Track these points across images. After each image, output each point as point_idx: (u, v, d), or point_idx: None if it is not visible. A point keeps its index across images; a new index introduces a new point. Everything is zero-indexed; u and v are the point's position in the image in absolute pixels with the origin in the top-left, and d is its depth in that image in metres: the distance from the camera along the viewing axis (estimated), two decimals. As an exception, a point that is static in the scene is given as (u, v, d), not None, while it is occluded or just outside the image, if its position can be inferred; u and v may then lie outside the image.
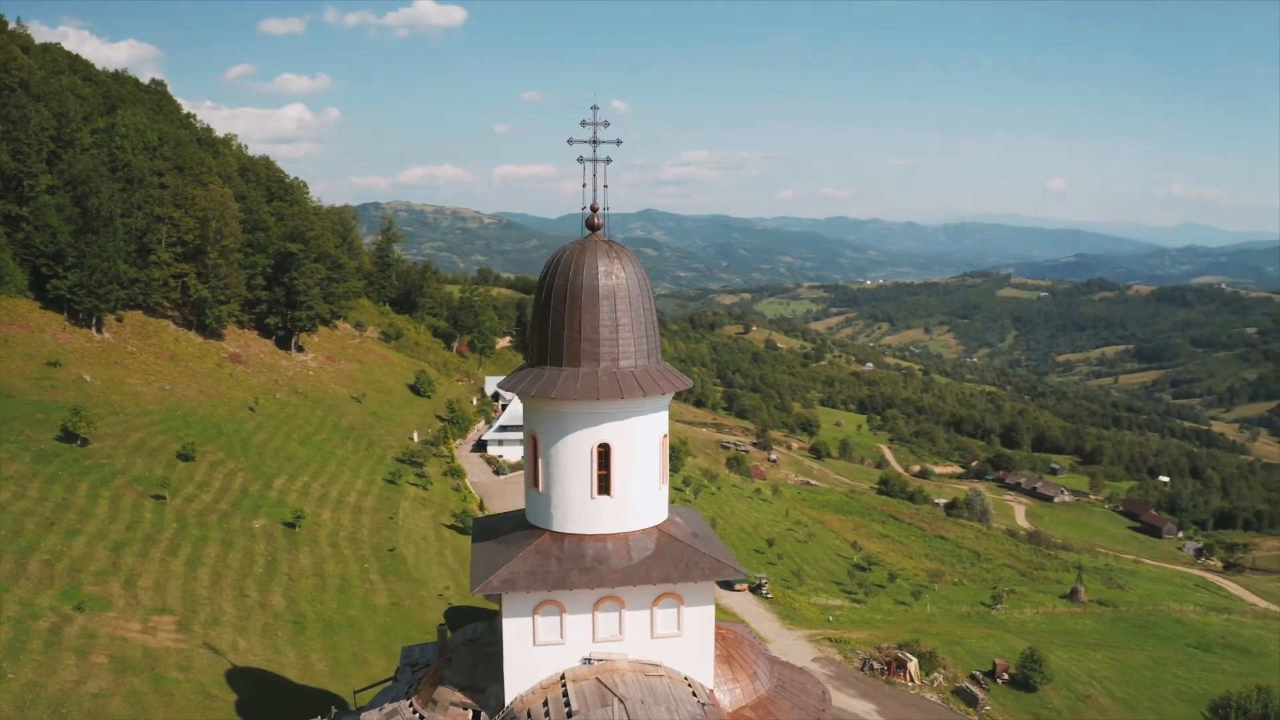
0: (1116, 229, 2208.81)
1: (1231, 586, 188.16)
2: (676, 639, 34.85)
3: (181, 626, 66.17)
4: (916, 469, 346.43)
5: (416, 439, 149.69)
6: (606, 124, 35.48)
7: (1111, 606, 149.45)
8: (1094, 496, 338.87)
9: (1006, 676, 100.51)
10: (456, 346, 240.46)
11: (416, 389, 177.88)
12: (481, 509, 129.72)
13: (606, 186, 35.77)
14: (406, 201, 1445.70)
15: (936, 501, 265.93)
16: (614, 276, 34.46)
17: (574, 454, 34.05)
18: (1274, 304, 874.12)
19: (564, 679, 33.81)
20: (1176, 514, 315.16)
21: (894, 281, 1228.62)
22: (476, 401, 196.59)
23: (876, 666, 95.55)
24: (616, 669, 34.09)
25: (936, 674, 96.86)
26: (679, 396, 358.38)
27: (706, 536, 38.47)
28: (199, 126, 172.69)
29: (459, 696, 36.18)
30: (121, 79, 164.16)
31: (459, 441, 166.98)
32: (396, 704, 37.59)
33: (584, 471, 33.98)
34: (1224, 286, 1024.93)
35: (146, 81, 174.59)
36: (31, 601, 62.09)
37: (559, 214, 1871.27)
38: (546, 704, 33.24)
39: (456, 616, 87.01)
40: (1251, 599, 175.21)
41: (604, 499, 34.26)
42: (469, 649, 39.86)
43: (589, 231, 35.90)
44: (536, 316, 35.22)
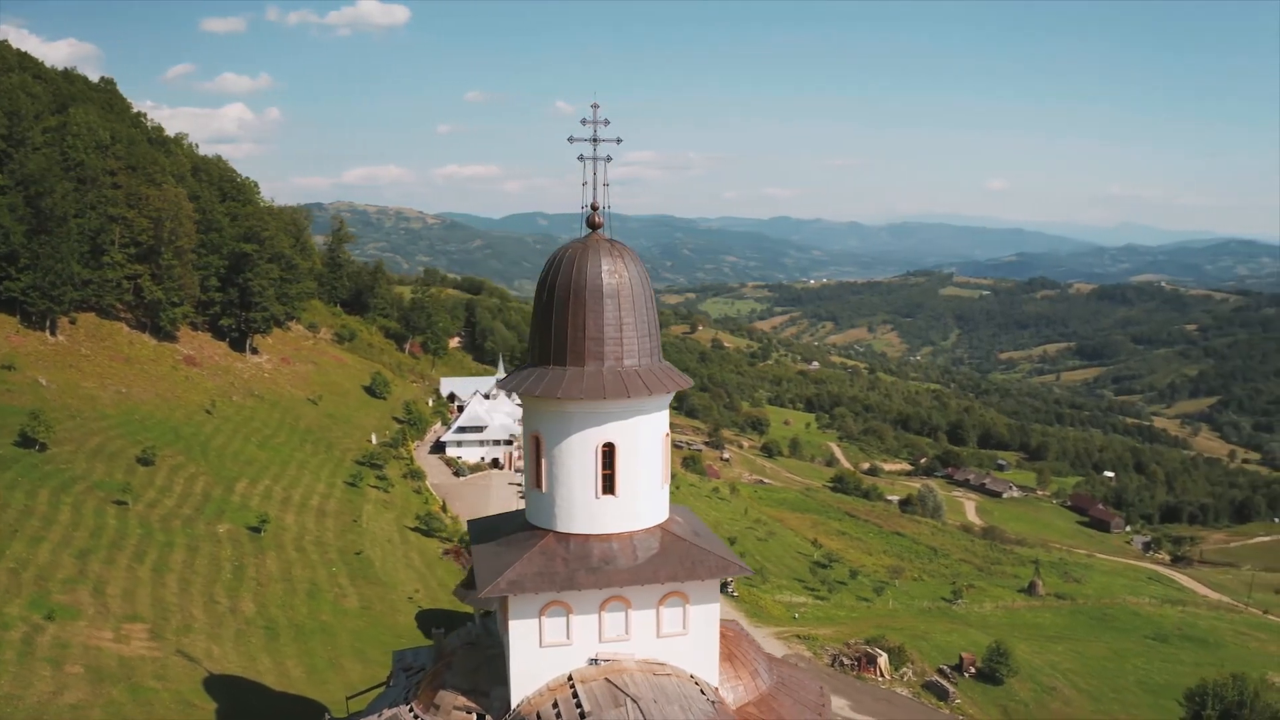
0: (1056, 228, 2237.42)
1: (1183, 579, 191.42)
2: (682, 637, 34.73)
3: (154, 634, 64.87)
4: (866, 466, 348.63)
5: (375, 441, 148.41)
6: (607, 122, 35.35)
7: (1069, 600, 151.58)
8: (1041, 492, 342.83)
9: (973, 670, 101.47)
10: (408, 348, 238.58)
11: (372, 391, 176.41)
12: (444, 510, 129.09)
13: (608, 185, 35.55)
14: (349, 202, 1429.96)
15: (889, 499, 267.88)
16: (617, 275, 34.26)
17: (579, 454, 33.78)
18: (1213, 302, 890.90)
19: (571, 680, 33.57)
20: (1123, 508, 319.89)
21: (838, 281, 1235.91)
22: (432, 403, 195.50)
23: (846, 662, 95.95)
24: (624, 669, 33.90)
25: (906, 669, 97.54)
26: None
27: (707, 535, 38.50)
28: (149, 126, 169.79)
29: (462, 700, 35.72)
30: (72, 77, 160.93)
31: (417, 443, 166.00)
32: (396, 709, 37.06)
33: (589, 471, 33.71)
34: (1163, 285, 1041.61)
35: (95, 80, 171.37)
36: (0, 611, 60.58)
37: (503, 214, 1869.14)
38: (556, 705, 32.91)
39: (428, 620, 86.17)
40: (1203, 591, 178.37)
41: (608, 499, 34.03)
42: (469, 652, 39.36)
43: (589, 230, 35.64)
44: (538, 316, 34.81)
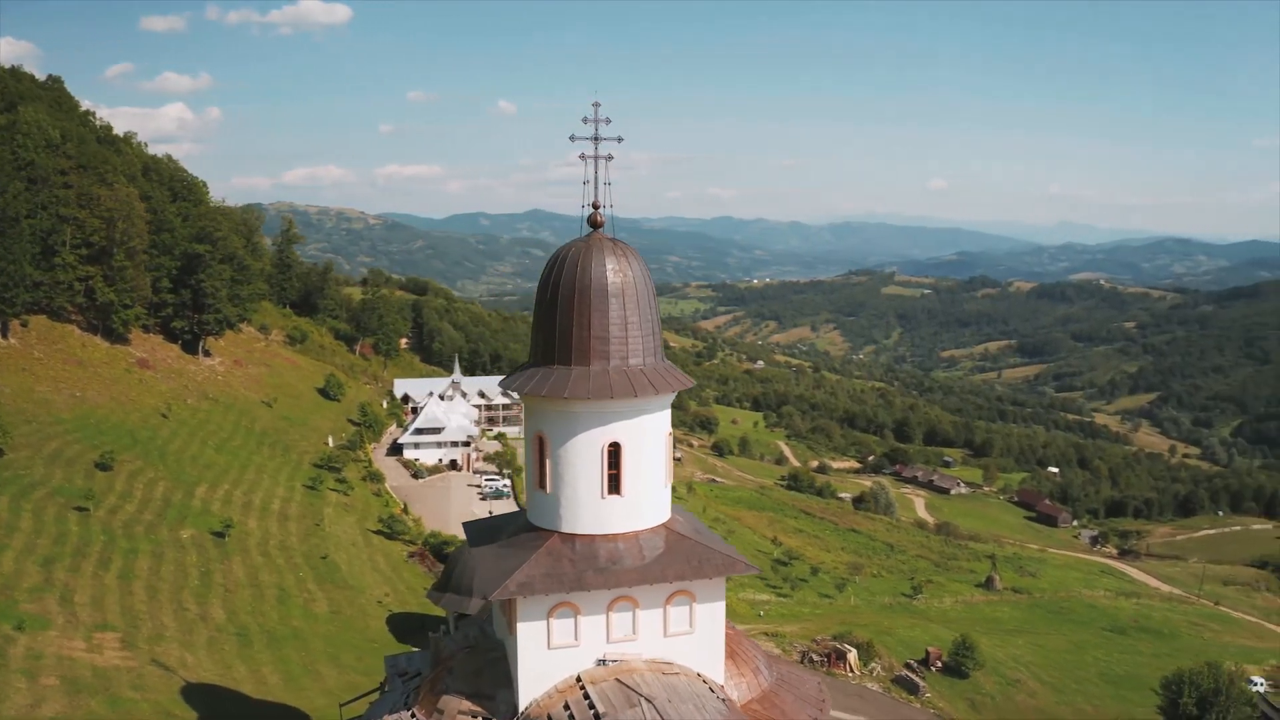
0: (996, 227, 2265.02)
1: (1134, 572, 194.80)
2: (689, 636, 34.54)
3: (126, 643, 63.56)
4: (815, 464, 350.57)
5: (332, 444, 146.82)
6: (608, 120, 35.02)
7: (1026, 594, 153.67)
8: (988, 488, 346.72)
9: (939, 664, 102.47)
10: (359, 349, 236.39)
11: (326, 393, 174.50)
12: (406, 513, 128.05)
13: (610, 183, 35.18)
14: (290, 202, 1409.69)
15: (842, 496, 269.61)
16: (621, 274, 34.14)
17: (585, 454, 33.53)
18: (1151, 299, 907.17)
19: (580, 681, 33.31)
20: (1069, 503, 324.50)
21: (780, 280, 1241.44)
22: (386, 405, 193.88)
23: (816, 659, 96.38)
24: (633, 669, 33.74)
25: (874, 664, 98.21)
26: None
27: (707, 534, 38.36)
28: (98, 125, 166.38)
29: (467, 705, 35.28)
30: (19, 75, 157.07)
31: (373, 445, 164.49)
32: (397, 715, 36.56)
33: (595, 471, 33.46)
34: (1102, 283, 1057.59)
35: (43, 78, 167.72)
36: (-32, 622, 59.11)
37: (445, 214, 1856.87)
38: (568, 707, 32.60)
39: (399, 624, 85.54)
40: (1154, 583, 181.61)
41: (614, 498, 33.83)
42: (470, 656, 38.89)
43: (590, 229, 35.38)
44: (542, 315, 34.45)
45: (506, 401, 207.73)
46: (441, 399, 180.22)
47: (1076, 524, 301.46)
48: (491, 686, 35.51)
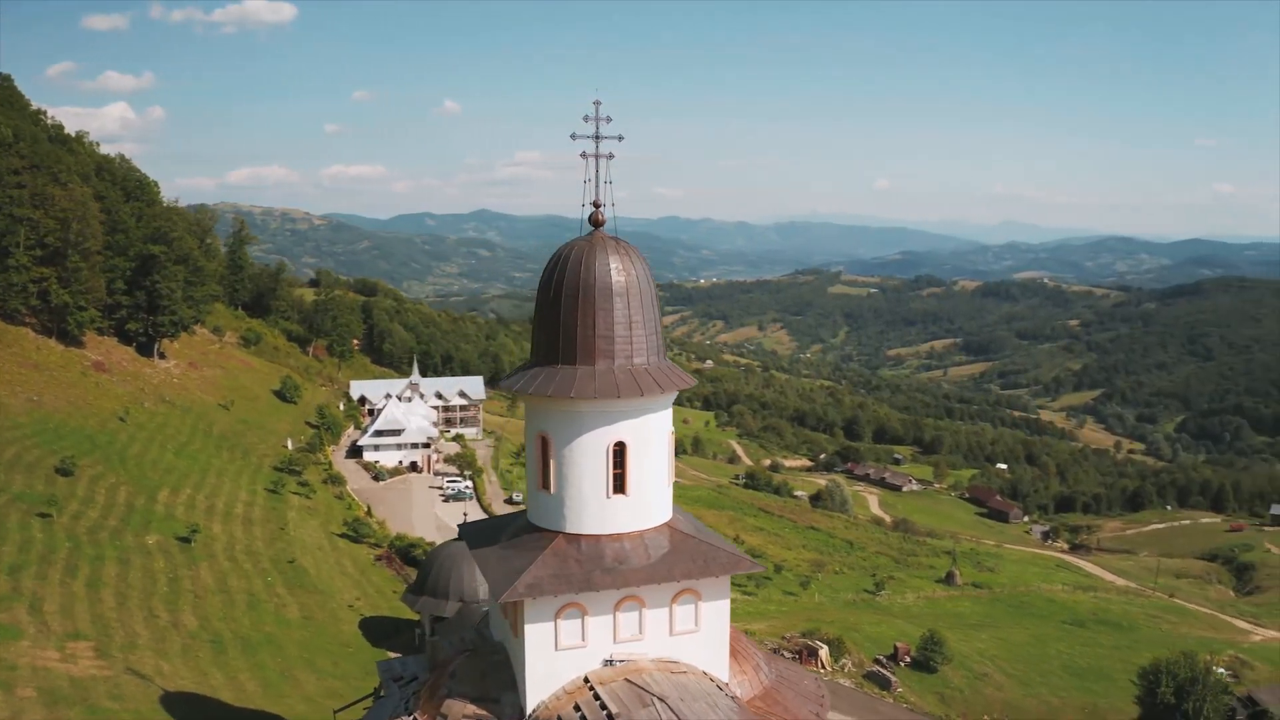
0: (940, 226, 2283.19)
1: (1088, 566, 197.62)
2: (694, 635, 34.46)
3: (100, 652, 62.32)
4: (768, 463, 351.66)
5: (291, 446, 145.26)
6: (609, 119, 34.86)
7: (986, 589, 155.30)
8: (939, 485, 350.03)
9: (908, 659, 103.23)
10: (312, 350, 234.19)
11: (282, 395, 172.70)
12: (370, 515, 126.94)
13: (611, 182, 35.09)
14: (234, 203, 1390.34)
15: (798, 494, 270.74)
16: (625, 273, 34.05)
17: (590, 453, 33.30)
18: (1094, 297, 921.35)
19: (589, 682, 33.06)
20: (1019, 499, 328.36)
21: (727, 280, 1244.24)
22: (343, 406, 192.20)
23: (787, 655, 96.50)
24: (641, 668, 33.61)
25: (845, 660, 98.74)
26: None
27: (708, 532, 38.29)
28: (49, 124, 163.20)
29: (471, 709, 34.90)
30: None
31: (332, 448, 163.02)
32: (399, 720, 36.14)
33: (600, 471, 33.24)
34: (1045, 281, 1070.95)
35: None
36: (-62, 632, 57.68)
37: (391, 214, 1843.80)
38: (579, 708, 32.35)
39: (371, 628, 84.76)
40: (1109, 577, 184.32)
41: (619, 498, 33.66)
42: (473, 659, 38.46)
43: (592, 228, 35.30)
44: (544, 314, 34.17)
45: (464, 403, 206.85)
46: (401, 400, 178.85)
47: (1027, 519, 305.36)
48: (497, 689, 35.17)
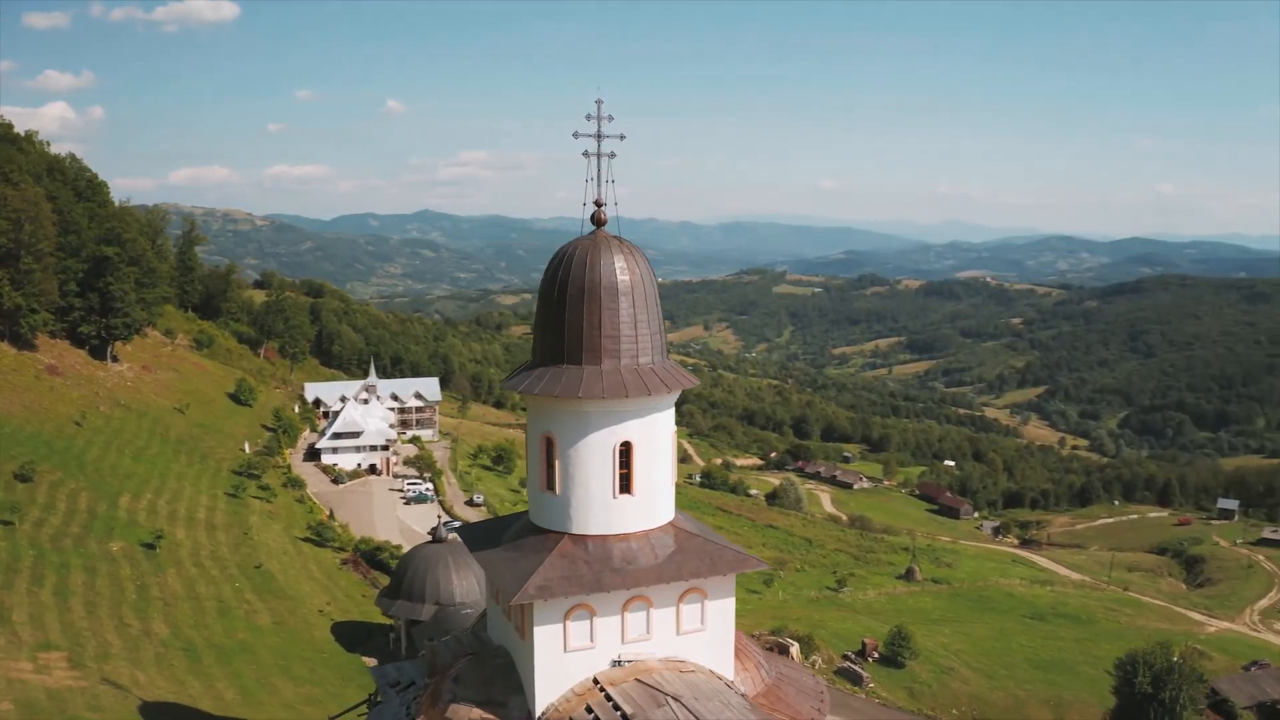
0: (884, 226, 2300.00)
1: (1042, 561, 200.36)
2: (700, 634, 34.42)
3: (74, 663, 61.04)
4: (719, 462, 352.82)
5: (248, 450, 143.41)
6: (611, 118, 34.80)
7: (946, 584, 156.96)
8: (889, 482, 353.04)
9: (876, 655, 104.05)
10: (263, 353, 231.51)
11: (237, 398, 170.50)
12: (332, 519, 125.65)
13: (613, 181, 35.05)
14: (175, 204, 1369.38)
15: (752, 493, 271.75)
16: (630, 272, 33.99)
17: (597, 454, 33.15)
18: (1036, 296, 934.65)
19: (598, 683, 32.89)
20: (968, 495, 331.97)
21: (672, 280, 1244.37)
22: (298, 409, 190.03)
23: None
24: (650, 668, 33.54)
25: (815, 657, 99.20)
26: (480, 399, 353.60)
27: (709, 531, 38.35)
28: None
29: (478, 713, 34.59)
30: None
31: (290, 451, 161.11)
32: (404, 727, 35.79)
33: (607, 471, 33.09)
34: (989, 280, 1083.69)
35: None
36: (-93, 644, 56.21)
37: (334, 215, 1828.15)
38: (591, 710, 32.16)
39: (343, 632, 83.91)
40: (1064, 571, 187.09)
41: (625, 498, 33.57)
42: (476, 663, 38.10)
43: (594, 227, 35.23)
44: (548, 314, 33.95)
45: (420, 404, 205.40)
46: (357, 402, 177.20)
47: (978, 515, 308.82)
48: (503, 693, 34.84)
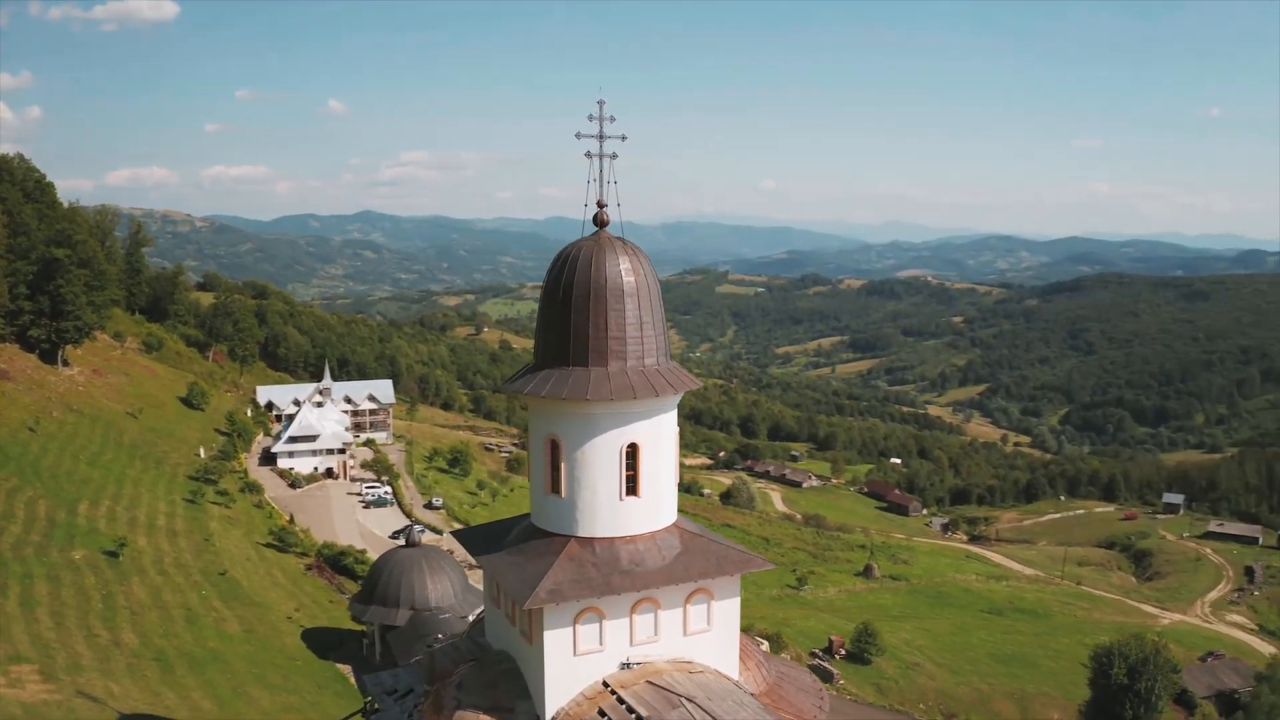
0: (825, 226, 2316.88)
1: (994, 556, 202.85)
2: (706, 634, 34.40)
3: (45, 676, 59.72)
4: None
5: (204, 455, 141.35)
6: (613, 119, 34.70)
7: (904, 581, 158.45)
8: (837, 480, 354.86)
9: (843, 652, 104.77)
10: (212, 355, 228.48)
11: (189, 402, 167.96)
12: (293, 524, 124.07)
13: (615, 182, 34.91)
14: (114, 205, 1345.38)
15: (705, 492, 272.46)
16: (634, 274, 34.04)
17: (605, 456, 33.01)
18: (977, 295, 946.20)
19: (608, 686, 32.75)
20: (916, 492, 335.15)
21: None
22: (251, 412, 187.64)
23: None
24: (659, 670, 33.48)
25: (784, 655, 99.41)
26: (427, 401, 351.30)
27: (710, 531, 38.32)
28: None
29: (484, 718, 34.30)
30: None
31: (245, 455, 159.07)
32: (405, 732, 35.41)
33: (614, 473, 33.00)
34: (929, 279, 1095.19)
35: None
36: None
37: (274, 216, 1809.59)
38: (604, 713, 32.04)
39: (314, 639, 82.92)
40: (1017, 566, 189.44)
41: (632, 500, 33.42)
42: (480, 669, 37.78)
43: (596, 228, 35.13)
44: (553, 316, 33.80)
45: (374, 407, 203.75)
46: (313, 405, 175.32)
47: (926, 512, 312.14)
48: (509, 699, 34.57)
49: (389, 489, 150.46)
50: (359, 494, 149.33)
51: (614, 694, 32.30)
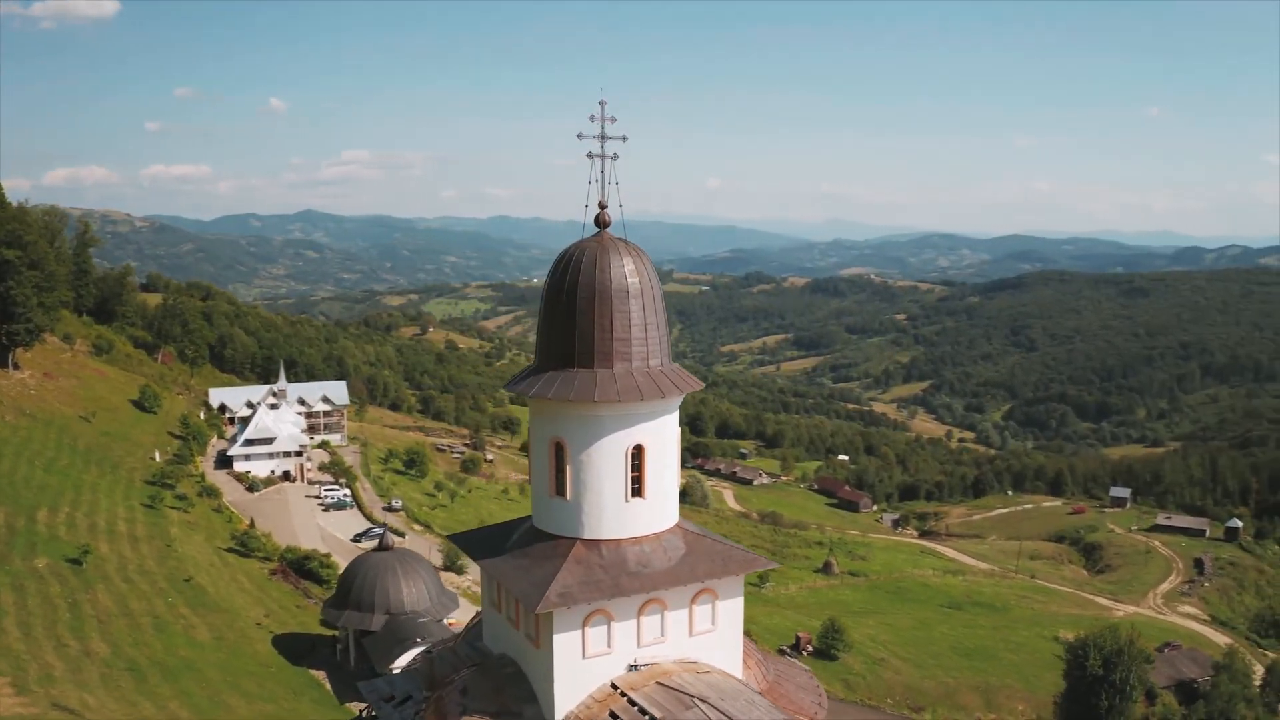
0: (769, 225, 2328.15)
1: (948, 551, 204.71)
2: (711, 634, 34.63)
3: (19, 688, 58.59)
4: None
5: (159, 459, 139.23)
6: (614, 119, 34.69)
7: (863, 577, 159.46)
8: (787, 477, 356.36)
9: (810, 649, 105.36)
10: (160, 357, 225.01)
11: (142, 405, 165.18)
12: (254, 528, 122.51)
13: (617, 183, 34.89)
14: (52, 205, 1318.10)
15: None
16: (639, 274, 34.03)
17: (610, 457, 33.02)
18: (919, 292, 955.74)
19: (617, 688, 32.78)
20: (865, 489, 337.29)
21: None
22: (204, 415, 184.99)
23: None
24: (667, 671, 33.62)
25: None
26: (375, 402, 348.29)
27: (709, 532, 38.49)
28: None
29: (492, 723, 34.15)
30: None
31: (201, 458, 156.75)
32: (408, 739, 35.19)
33: (620, 474, 33.01)
34: (872, 277, 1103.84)
35: None
36: None
37: (215, 215, 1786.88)
38: (615, 715, 32.10)
39: (284, 644, 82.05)
40: (971, 561, 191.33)
41: (637, 501, 33.46)
42: (483, 673, 37.62)
43: (597, 229, 35.11)
44: (556, 317, 33.70)
45: (328, 409, 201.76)
46: (268, 407, 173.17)
47: (876, 508, 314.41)
48: (516, 703, 34.46)
49: (348, 491, 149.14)
50: (318, 497, 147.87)
51: (624, 696, 32.32)
